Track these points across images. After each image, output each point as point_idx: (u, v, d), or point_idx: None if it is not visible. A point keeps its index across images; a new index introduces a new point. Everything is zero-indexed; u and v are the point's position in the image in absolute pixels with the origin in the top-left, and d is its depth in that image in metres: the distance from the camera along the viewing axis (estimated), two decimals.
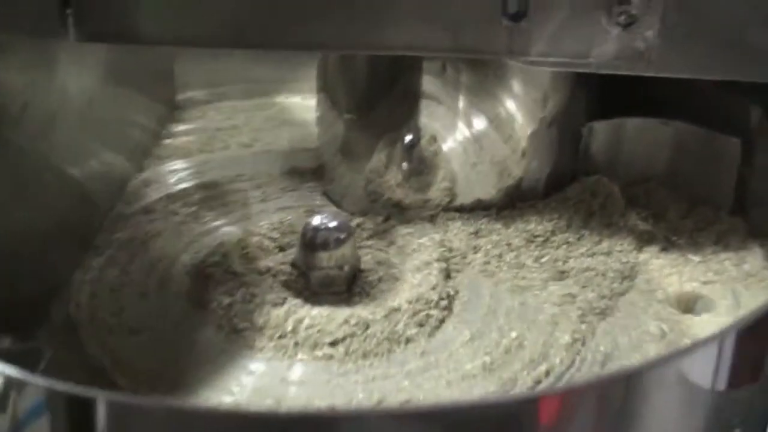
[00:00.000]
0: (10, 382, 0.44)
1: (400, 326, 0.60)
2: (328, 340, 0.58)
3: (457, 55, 0.63)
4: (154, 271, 0.64)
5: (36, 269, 0.59)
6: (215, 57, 0.82)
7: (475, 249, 0.66)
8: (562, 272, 0.64)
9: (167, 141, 0.79)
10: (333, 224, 0.62)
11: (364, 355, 0.58)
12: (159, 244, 0.67)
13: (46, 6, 0.57)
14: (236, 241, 0.66)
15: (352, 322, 0.59)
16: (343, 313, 0.60)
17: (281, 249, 0.66)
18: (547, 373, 0.57)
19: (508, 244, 0.66)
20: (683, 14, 0.58)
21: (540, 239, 0.66)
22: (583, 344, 0.59)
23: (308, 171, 0.75)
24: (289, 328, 0.59)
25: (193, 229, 0.68)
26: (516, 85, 0.66)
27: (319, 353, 0.58)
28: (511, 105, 0.67)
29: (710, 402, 0.51)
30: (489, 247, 0.66)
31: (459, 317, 0.61)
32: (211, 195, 0.72)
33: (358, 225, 0.67)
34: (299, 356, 0.58)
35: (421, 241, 0.66)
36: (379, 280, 0.63)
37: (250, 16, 0.59)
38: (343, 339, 0.58)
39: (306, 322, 0.59)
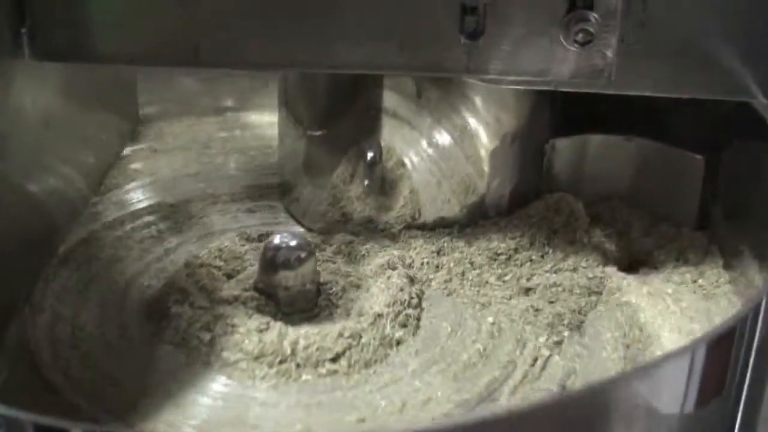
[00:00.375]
0: None
1: (388, 330, 0.60)
2: (329, 356, 0.58)
3: (414, 74, 0.62)
4: (112, 296, 0.64)
5: None
6: (177, 72, 0.82)
7: (438, 267, 0.66)
8: (527, 289, 0.64)
9: (128, 157, 0.78)
10: (293, 243, 0.62)
11: (366, 365, 0.58)
12: (118, 267, 0.66)
13: (1, 25, 0.57)
14: (193, 267, 0.65)
15: (346, 334, 0.59)
16: (333, 327, 0.59)
17: (244, 268, 0.65)
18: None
19: (471, 263, 0.66)
20: (641, 32, 0.58)
21: (503, 257, 0.66)
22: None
23: (269, 187, 0.75)
24: (288, 351, 0.58)
25: (152, 251, 0.68)
26: (477, 102, 0.66)
27: (322, 370, 0.58)
28: (473, 121, 0.66)
29: (678, 418, 0.51)
30: (451, 265, 0.66)
31: (432, 312, 0.62)
32: (171, 214, 0.72)
33: (318, 243, 0.67)
34: (303, 377, 0.58)
35: (382, 259, 0.66)
36: (343, 290, 0.63)
37: (204, 34, 0.58)
38: (343, 352, 0.58)
39: (302, 342, 0.58)
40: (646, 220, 0.70)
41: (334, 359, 0.59)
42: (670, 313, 0.63)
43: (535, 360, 0.59)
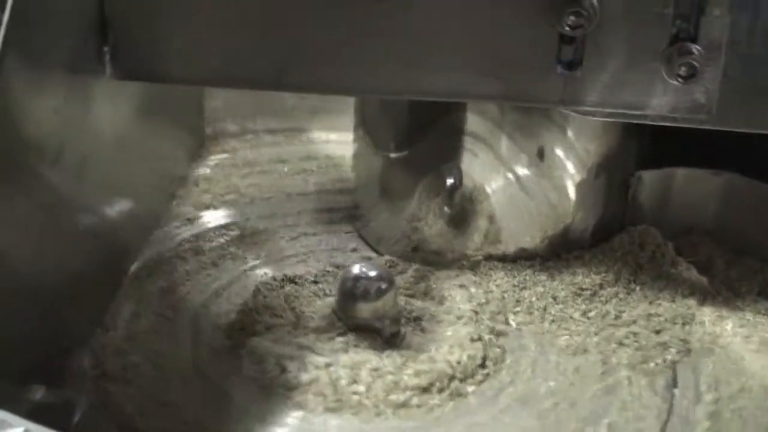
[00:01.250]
0: None
1: (470, 366, 0.58)
2: (408, 391, 0.57)
3: (509, 103, 0.60)
4: (187, 319, 0.62)
5: (65, 312, 0.57)
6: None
7: (519, 301, 0.64)
8: (613, 326, 0.62)
9: (196, 176, 0.77)
10: (373, 274, 0.60)
11: (447, 401, 0.57)
12: (190, 289, 0.64)
13: (85, 43, 0.55)
14: (268, 293, 0.63)
15: (427, 369, 0.57)
16: (413, 362, 0.58)
17: (319, 296, 0.64)
18: None
19: (554, 297, 0.64)
20: (746, 66, 0.56)
21: (587, 292, 0.64)
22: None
23: (342, 211, 0.73)
24: (365, 386, 0.57)
25: (225, 274, 0.66)
26: (566, 132, 0.64)
27: (401, 406, 0.56)
28: (559, 152, 0.64)
29: None
30: (533, 299, 0.64)
31: (513, 349, 0.61)
32: (242, 235, 0.70)
33: (397, 271, 0.65)
34: (381, 412, 0.56)
35: (461, 290, 0.64)
36: (421, 323, 0.61)
37: (289, 58, 0.57)
38: (426, 387, 0.57)
39: (380, 377, 0.57)
40: (729, 253, 0.68)
41: (414, 394, 0.57)
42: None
43: (626, 402, 0.57)
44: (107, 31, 0.56)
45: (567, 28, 0.54)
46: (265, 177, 0.77)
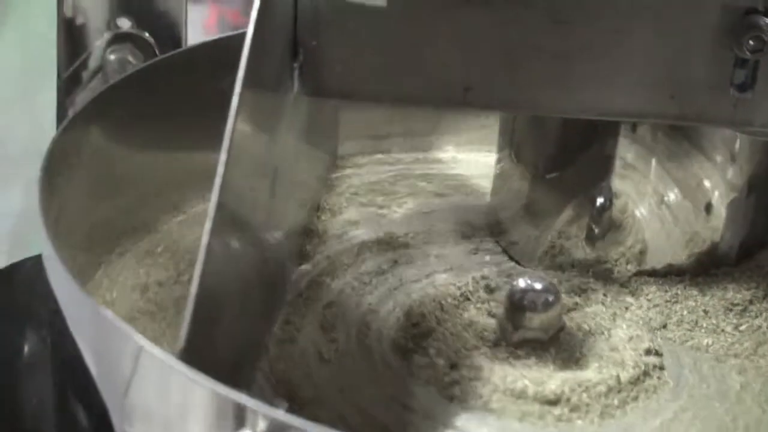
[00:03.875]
0: None
1: (634, 378, 0.60)
2: (588, 400, 0.59)
3: (681, 123, 0.63)
4: (353, 332, 0.64)
5: (238, 328, 0.59)
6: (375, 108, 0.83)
7: (670, 315, 0.66)
8: (765, 342, 0.64)
9: (332, 193, 0.79)
10: (540, 286, 0.62)
11: (613, 414, 0.59)
12: (352, 302, 0.66)
13: (281, 61, 0.58)
14: (431, 300, 0.65)
15: (596, 380, 0.60)
16: (583, 372, 0.60)
17: (483, 307, 0.66)
18: None
19: (705, 311, 0.66)
20: None
21: (738, 308, 0.66)
22: None
23: (481, 228, 0.75)
24: (541, 393, 0.59)
25: (381, 286, 0.68)
26: (714, 153, 0.66)
27: (575, 415, 0.58)
28: (708, 172, 0.67)
29: None
30: (685, 313, 0.66)
31: (672, 362, 0.63)
32: (388, 251, 0.72)
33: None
34: (557, 420, 0.58)
35: (614, 301, 0.66)
36: (581, 335, 0.63)
37: (474, 78, 0.59)
38: (594, 398, 0.59)
39: (552, 387, 0.59)
40: None
41: (582, 402, 0.59)
42: None
43: None
44: (297, 48, 0.59)
45: (746, 52, 0.57)
46: (398, 195, 0.79)
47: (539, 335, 0.62)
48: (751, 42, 0.57)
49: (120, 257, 0.68)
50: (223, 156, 0.47)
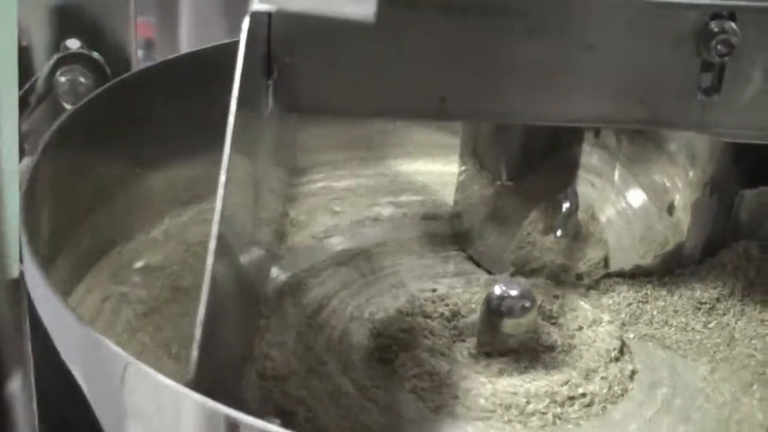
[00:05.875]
0: None
1: (610, 378, 0.62)
2: (561, 406, 0.60)
3: (651, 127, 0.64)
4: (331, 344, 0.64)
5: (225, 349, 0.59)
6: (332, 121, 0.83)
7: (641, 315, 0.67)
8: (734, 338, 0.66)
9: (293, 208, 0.79)
10: (516, 292, 0.63)
11: (595, 414, 0.60)
12: (324, 316, 0.67)
13: (257, 79, 0.58)
14: (407, 308, 0.66)
15: (574, 382, 0.61)
16: (560, 375, 0.61)
17: (451, 319, 0.66)
18: None
19: (675, 311, 0.68)
20: None
21: (706, 306, 0.68)
22: None
23: (447, 237, 0.76)
24: (522, 401, 0.60)
25: (358, 296, 0.69)
26: (677, 156, 0.68)
27: (558, 421, 0.60)
28: (671, 174, 0.68)
29: None
30: (655, 312, 0.67)
31: (644, 361, 0.64)
32: (357, 263, 0.72)
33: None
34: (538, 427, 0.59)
35: (585, 304, 0.67)
36: (555, 339, 0.64)
37: (449, 90, 0.60)
38: (571, 401, 0.60)
39: (533, 392, 0.60)
40: None
41: (564, 406, 0.60)
42: None
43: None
44: (271, 65, 0.59)
45: (714, 56, 0.58)
46: (363, 206, 0.80)
47: (515, 341, 0.63)
48: (719, 46, 0.58)
49: (99, 271, 0.69)
50: (222, 177, 0.48)
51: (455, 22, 0.57)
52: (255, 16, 0.52)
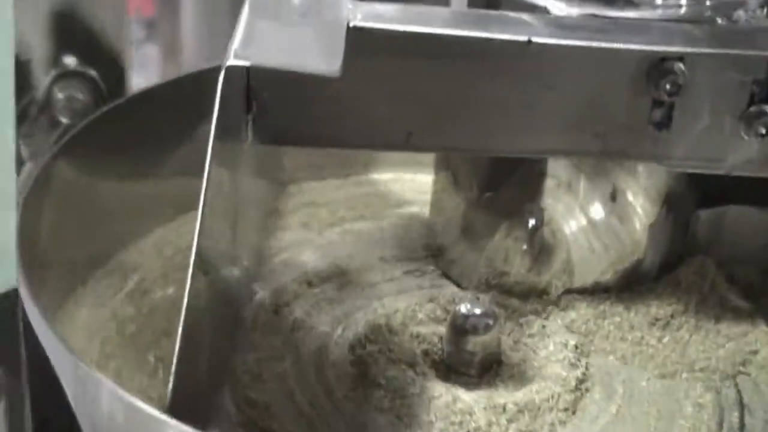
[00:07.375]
0: None
1: (565, 395, 0.66)
2: (531, 419, 0.64)
3: (606, 158, 0.68)
4: (307, 362, 0.68)
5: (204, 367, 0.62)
6: None
7: (598, 330, 0.71)
8: (687, 350, 0.70)
9: (276, 223, 0.82)
10: (480, 310, 0.67)
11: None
12: (304, 333, 0.70)
13: (236, 112, 0.62)
14: (381, 327, 0.70)
15: (538, 398, 0.65)
16: (522, 391, 0.66)
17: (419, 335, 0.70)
18: None
19: (631, 326, 0.72)
20: None
21: (661, 322, 0.72)
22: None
23: (420, 250, 0.79)
24: (485, 418, 0.64)
25: (329, 315, 0.72)
26: (641, 179, 0.71)
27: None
28: (634, 196, 0.72)
29: None
30: (611, 328, 0.71)
31: (602, 377, 0.68)
32: (334, 278, 0.76)
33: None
34: None
35: (543, 320, 0.72)
36: (514, 355, 0.68)
37: (420, 123, 0.64)
38: (533, 414, 0.65)
39: (508, 408, 0.64)
40: None
41: (524, 419, 0.64)
42: None
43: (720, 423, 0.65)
44: (251, 101, 0.63)
45: (664, 95, 0.62)
46: (339, 220, 0.83)
47: (479, 358, 0.67)
48: (667, 86, 0.62)
49: (92, 285, 0.72)
50: (201, 204, 0.52)
51: (420, 65, 0.61)
52: (230, 70, 0.56)
